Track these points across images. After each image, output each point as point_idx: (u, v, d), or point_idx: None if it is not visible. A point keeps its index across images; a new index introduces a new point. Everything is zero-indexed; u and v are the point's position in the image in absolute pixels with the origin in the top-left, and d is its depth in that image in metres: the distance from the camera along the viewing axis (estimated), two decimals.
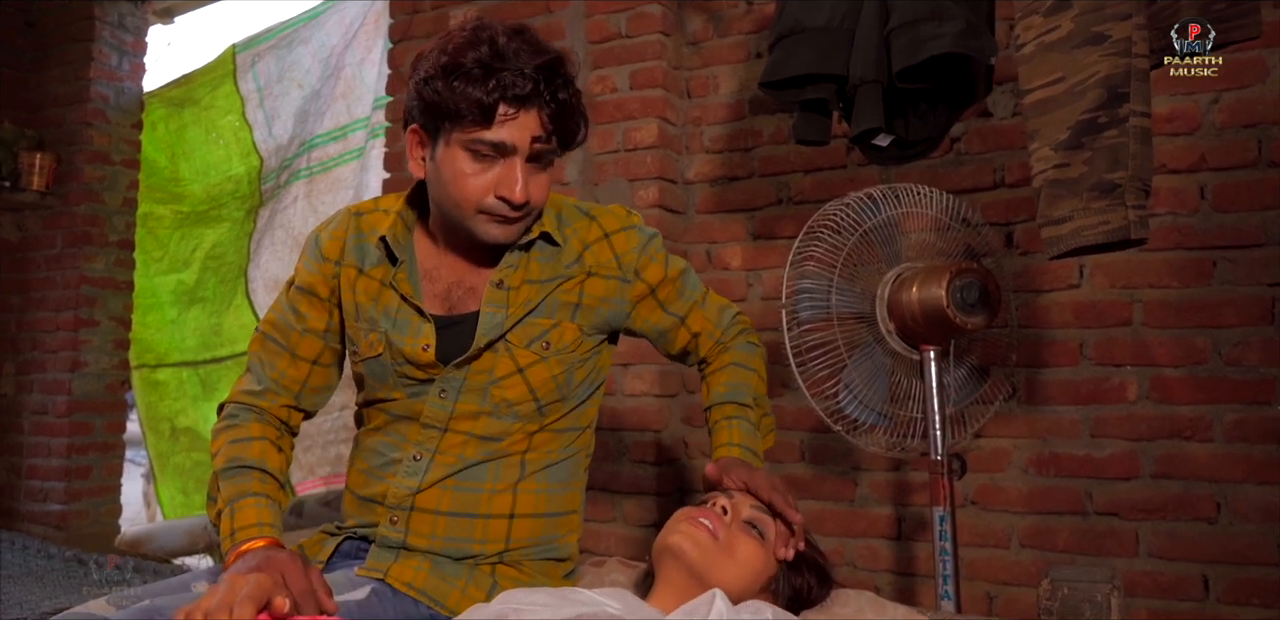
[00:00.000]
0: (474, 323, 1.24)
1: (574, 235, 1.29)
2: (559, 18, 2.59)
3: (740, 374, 1.37)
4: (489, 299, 1.24)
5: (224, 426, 1.28)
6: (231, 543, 1.13)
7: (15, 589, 2.45)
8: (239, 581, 0.94)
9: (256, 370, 1.32)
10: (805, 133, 1.84)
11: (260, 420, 1.29)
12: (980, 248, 1.78)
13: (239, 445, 1.24)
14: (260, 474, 1.22)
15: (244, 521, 1.15)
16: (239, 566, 1.06)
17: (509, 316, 1.23)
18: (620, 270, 1.30)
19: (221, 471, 1.22)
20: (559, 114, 1.16)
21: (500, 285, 1.25)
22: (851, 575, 2.18)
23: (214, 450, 1.26)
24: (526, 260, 1.26)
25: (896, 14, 1.60)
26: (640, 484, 2.35)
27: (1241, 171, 1.89)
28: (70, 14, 3.61)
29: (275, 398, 1.31)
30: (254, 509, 1.16)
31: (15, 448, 3.51)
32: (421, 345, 1.23)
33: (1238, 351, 1.86)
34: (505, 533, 1.24)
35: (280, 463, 1.27)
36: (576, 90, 1.19)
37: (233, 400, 1.31)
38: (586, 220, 1.31)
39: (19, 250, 3.63)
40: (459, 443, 1.24)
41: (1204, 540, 1.85)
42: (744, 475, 1.20)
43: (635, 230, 1.32)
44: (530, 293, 1.25)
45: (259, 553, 1.08)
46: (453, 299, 1.27)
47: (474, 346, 1.22)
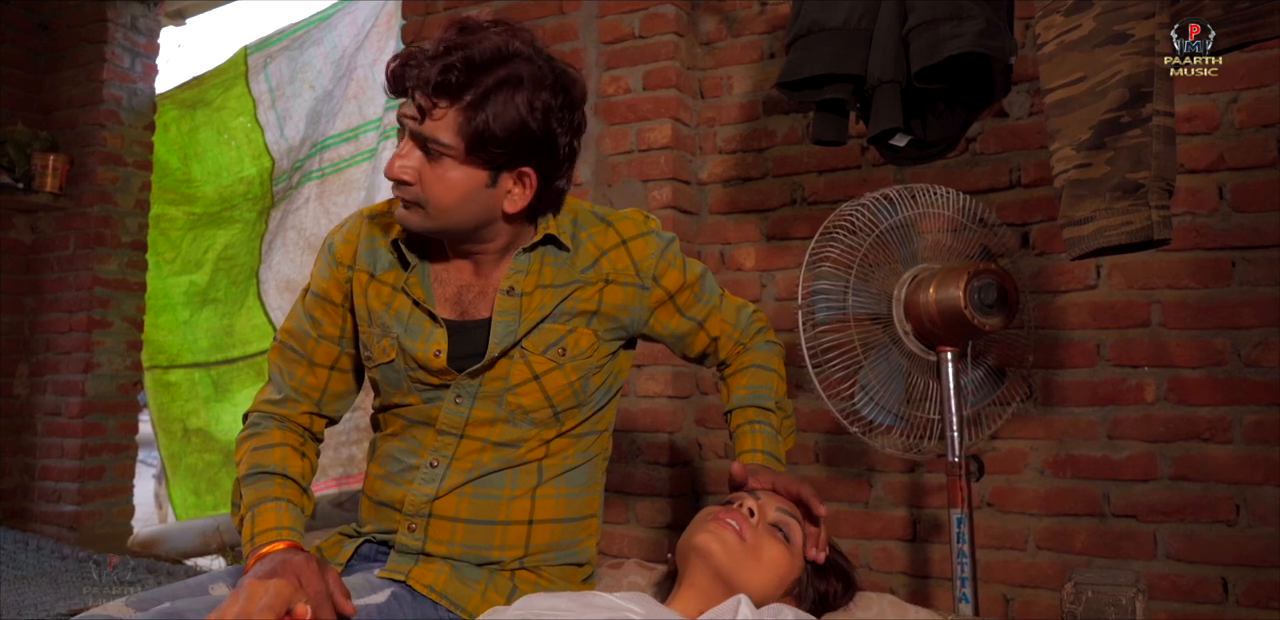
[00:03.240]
0: (486, 329, 1.23)
1: (589, 240, 1.27)
2: (572, 18, 2.59)
3: (761, 376, 1.36)
4: (501, 307, 1.22)
5: (247, 435, 1.28)
6: (251, 547, 1.13)
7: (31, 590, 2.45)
8: (258, 590, 0.94)
9: (276, 379, 1.32)
10: (823, 133, 1.83)
11: (282, 427, 1.29)
12: (997, 248, 1.78)
13: (260, 452, 1.24)
14: (281, 479, 1.22)
15: (264, 525, 1.15)
16: (257, 570, 1.06)
17: (523, 323, 1.22)
18: (639, 277, 1.28)
19: (244, 478, 1.22)
20: (447, 103, 1.10)
21: (511, 292, 1.23)
22: (867, 577, 2.17)
23: (237, 459, 1.26)
24: (539, 265, 1.25)
25: (915, 13, 1.60)
26: (654, 485, 2.34)
27: (1260, 171, 1.88)
28: (83, 16, 3.61)
29: (296, 405, 1.30)
30: (274, 513, 1.16)
31: (29, 449, 3.52)
32: (434, 351, 1.22)
33: (1257, 352, 1.85)
34: (524, 539, 1.23)
35: (302, 468, 1.26)
36: (493, 88, 1.10)
37: (255, 409, 1.31)
38: (603, 226, 1.29)
39: (32, 251, 3.64)
40: (476, 449, 1.23)
41: (1223, 542, 1.84)
42: (770, 476, 1.21)
43: (653, 236, 1.30)
44: (544, 297, 1.23)
45: (276, 556, 1.08)
46: (464, 303, 1.26)
47: (488, 356, 1.21)
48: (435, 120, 1.11)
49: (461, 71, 1.09)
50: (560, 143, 1.16)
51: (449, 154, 1.13)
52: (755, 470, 1.23)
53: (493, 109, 1.09)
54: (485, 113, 1.09)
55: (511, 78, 1.11)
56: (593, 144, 2.52)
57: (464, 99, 1.09)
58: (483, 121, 1.10)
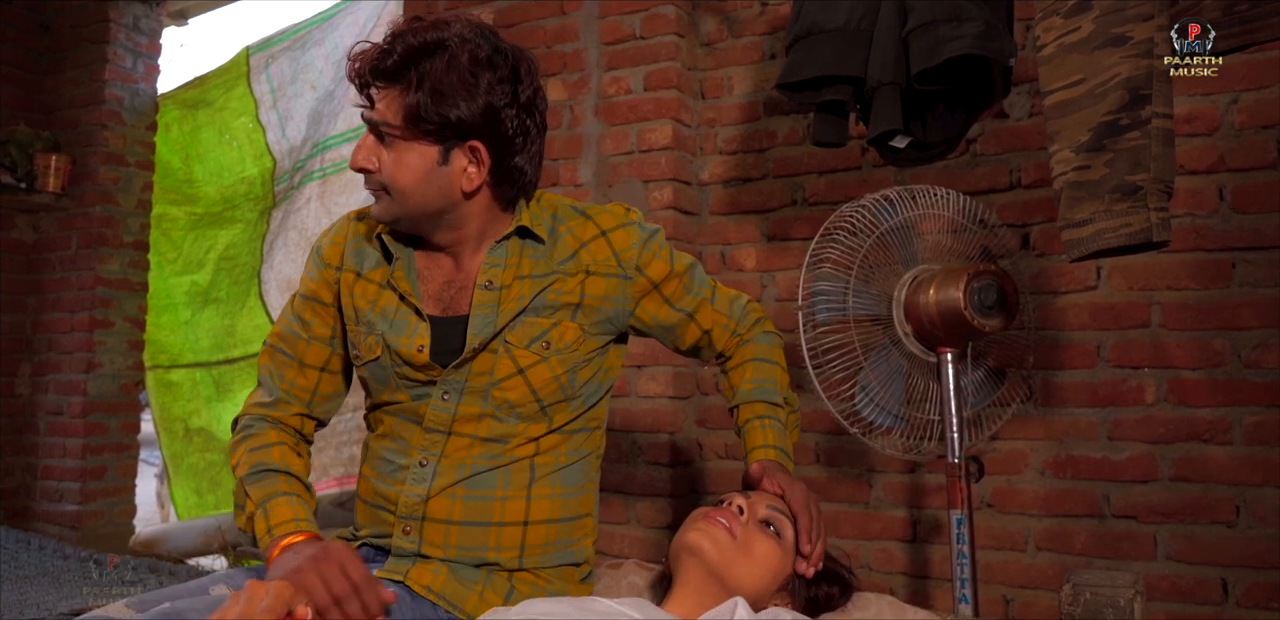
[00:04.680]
0: (466, 324, 1.24)
1: (568, 233, 1.28)
2: (573, 19, 2.59)
3: (764, 369, 1.36)
4: (479, 301, 1.24)
5: (241, 438, 1.29)
6: (270, 539, 1.13)
7: (33, 589, 2.45)
8: (258, 592, 0.94)
9: (267, 382, 1.33)
10: (823, 134, 1.83)
11: (276, 428, 1.30)
12: (997, 249, 1.78)
13: (259, 452, 1.25)
14: (285, 476, 1.23)
15: (280, 518, 1.16)
16: (288, 560, 1.07)
17: (501, 314, 1.23)
18: (620, 267, 1.28)
19: (246, 478, 1.22)
20: (386, 85, 1.17)
21: (489, 286, 1.24)
22: (866, 578, 2.17)
23: (234, 461, 1.27)
24: (517, 258, 1.26)
25: (915, 15, 1.60)
26: (654, 486, 2.35)
27: (1260, 172, 1.88)
28: (85, 16, 3.61)
29: (287, 407, 1.31)
30: (288, 507, 1.17)
31: (31, 448, 3.52)
32: (416, 346, 1.23)
33: (1257, 354, 1.85)
34: (520, 540, 1.23)
35: (302, 467, 1.27)
36: (428, 67, 1.15)
37: (246, 413, 1.32)
38: (582, 219, 1.30)
39: (34, 251, 3.64)
40: (464, 446, 1.23)
41: (1223, 544, 1.84)
42: (784, 482, 1.21)
43: (635, 226, 1.31)
44: (522, 288, 1.24)
45: (310, 545, 1.10)
46: (445, 299, 1.27)
47: (467, 347, 1.22)
48: (381, 103, 1.18)
49: (399, 55, 1.16)
50: (505, 116, 1.19)
51: (396, 134, 1.18)
52: (772, 470, 1.24)
53: (430, 85, 1.15)
54: (422, 89, 1.15)
55: (447, 55, 1.16)
56: (593, 145, 2.52)
57: (403, 80, 1.16)
58: (419, 97, 1.15)
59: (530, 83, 1.22)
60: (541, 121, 1.25)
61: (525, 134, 1.22)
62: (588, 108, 2.55)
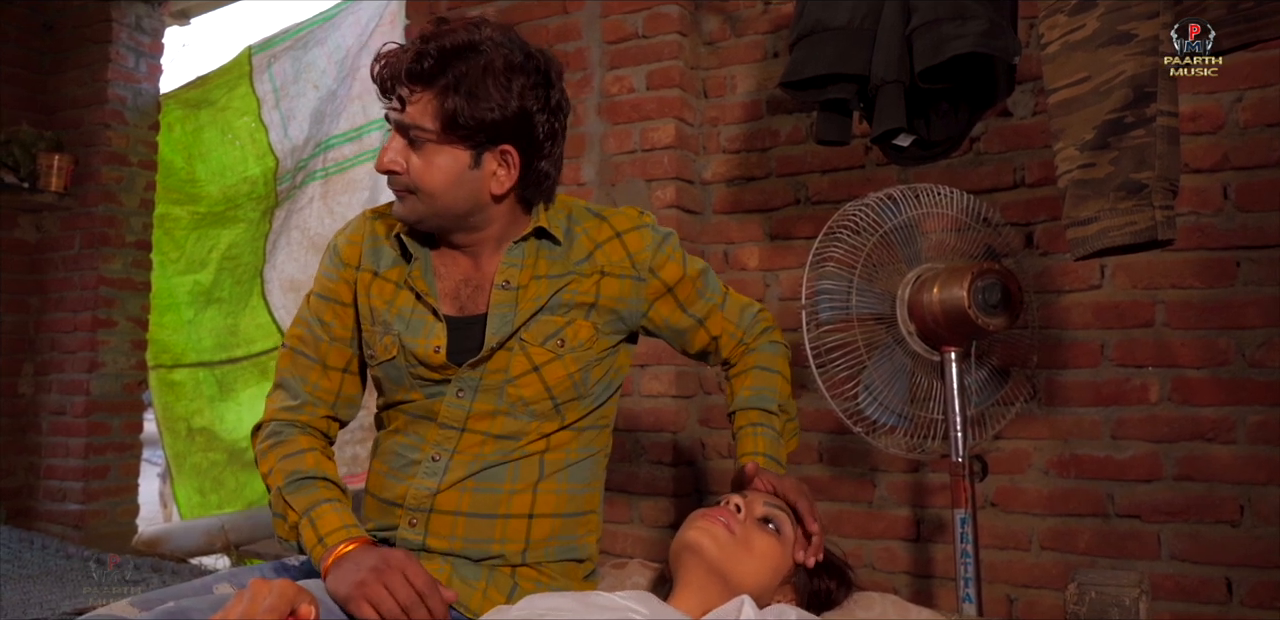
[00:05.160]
0: (483, 324, 1.24)
1: (584, 234, 1.29)
2: (575, 18, 2.59)
3: (765, 378, 1.37)
4: (496, 301, 1.24)
5: (270, 445, 1.28)
6: (324, 549, 1.14)
7: (36, 588, 2.46)
8: (261, 591, 0.94)
9: (290, 386, 1.32)
10: (826, 133, 1.83)
11: (305, 433, 1.29)
12: (1001, 248, 1.77)
13: (293, 459, 1.24)
14: (325, 482, 1.23)
15: (329, 526, 1.16)
16: (349, 573, 1.08)
17: (519, 313, 1.23)
18: (634, 269, 1.29)
19: (285, 486, 1.21)
20: (421, 88, 1.16)
21: (506, 286, 1.25)
22: (870, 577, 2.17)
23: (265, 470, 1.26)
24: (534, 259, 1.26)
25: (918, 13, 1.60)
26: (657, 485, 2.34)
27: (1265, 171, 1.88)
28: (87, 16, 3.62)
29: (314, 410, 1.31)
30: (334, 514, 1.17)
31: (34, 448, 3.52)
32: (433, 347, 1.23)
33: (1261, 352, 1.85)
34: (525, 533, 1.23)
35: (335, 471, 1.27)
36: (465, 71, 1.14)
37: (271, 419, 1.31)
38: (597, 220, 1.31)
39: (37, 251, 3.65)
40: (477, 442, 1.24)
41: (1227, 543, 1.84)
42: (773, 478, 1.22)
43: (648, 229, 1.32)
44: (539, 288, 1.25)
45: (367, 554, 1.10)
46: (462, 298, 1.27)
47: (485, 346, 1.22)
48: (414, 106, 1.16)
49: (434, 58, 1.14)
50: (537, 120, 1.19)
51: (429, 138, 1.17)
52: (760, 470, 1.24)
53: (465, 89, 1.14)
54: (459, 93, 1.14)
55: (482, 60, 1.15)
56: (596, 144, 2.52)
57: (438, 83, 1.15)
58: (456, 102, 1.14)
59: (559, 87, 1.23)
60: (565, 125, 1.26)
61: (554, 138, 1.23)
62: (590, 107, 2.55)
